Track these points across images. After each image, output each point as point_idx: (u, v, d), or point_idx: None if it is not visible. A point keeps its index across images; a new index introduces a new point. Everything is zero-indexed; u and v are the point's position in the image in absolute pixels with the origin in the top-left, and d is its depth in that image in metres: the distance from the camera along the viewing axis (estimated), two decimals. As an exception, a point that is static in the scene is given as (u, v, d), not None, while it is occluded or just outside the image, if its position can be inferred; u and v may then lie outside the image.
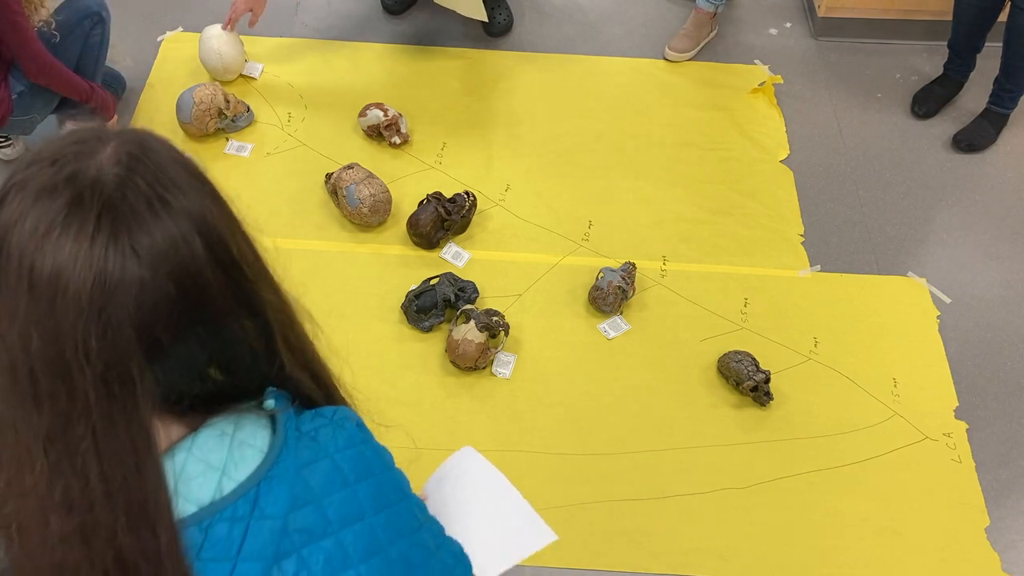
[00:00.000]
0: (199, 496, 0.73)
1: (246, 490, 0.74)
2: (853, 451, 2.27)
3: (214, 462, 0.75)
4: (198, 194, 0.74)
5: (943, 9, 3.05)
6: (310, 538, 0.75)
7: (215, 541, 0.73)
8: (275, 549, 0.74)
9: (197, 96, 2.72)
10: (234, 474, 0.75)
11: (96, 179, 0.68)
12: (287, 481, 0.76)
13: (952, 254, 2.70)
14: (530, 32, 3.23)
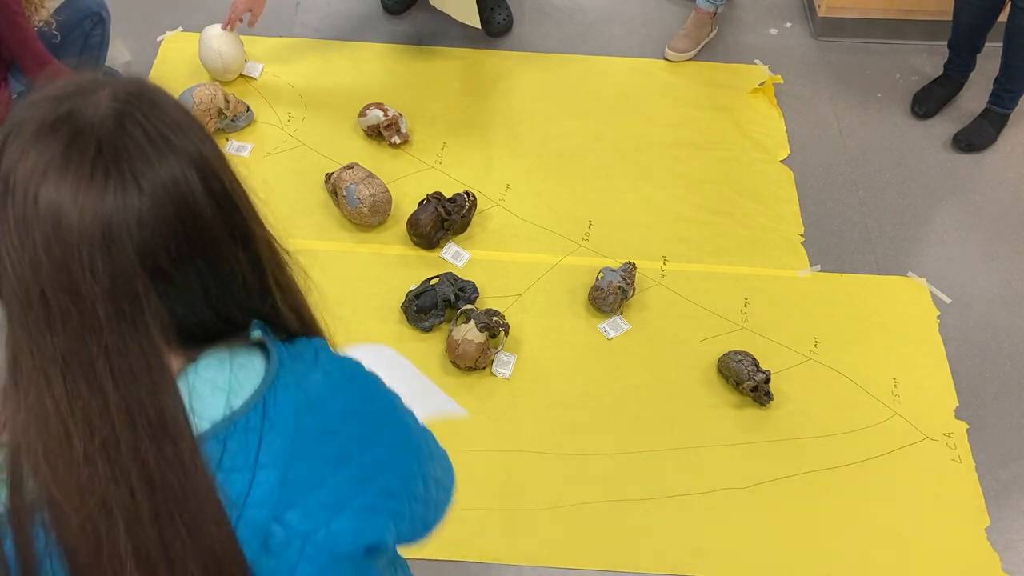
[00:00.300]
0: (211, 414, 0.78)
1: (254, 403, 0.79)
2: (853, 451, 2.27)
3: (220, 383, 0.79)
4: (195, 133, 0.77)
5: (943, 9, 3.05)
6: (317, 440, 0.81)
7: (234, 452, 0.77)
8: (290, 453, 0.79)
9: (197, 96, 2.72)
10: (240, 392, 0.80)
11: (95, 115, 0.72)
12: (290, 392, 0.81)
13: (952, 254, 2.70)
14: (530, 32, 3.23)
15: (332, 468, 0.81)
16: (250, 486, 0.77)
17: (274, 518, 0.78)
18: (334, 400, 0.84)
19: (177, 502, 0.73)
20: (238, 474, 0.77)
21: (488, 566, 2.06)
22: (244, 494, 0.77)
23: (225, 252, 0.81)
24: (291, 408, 0.80)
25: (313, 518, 0.80)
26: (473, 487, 2.17)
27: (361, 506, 0.83)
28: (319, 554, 0.81)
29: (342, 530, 0.82)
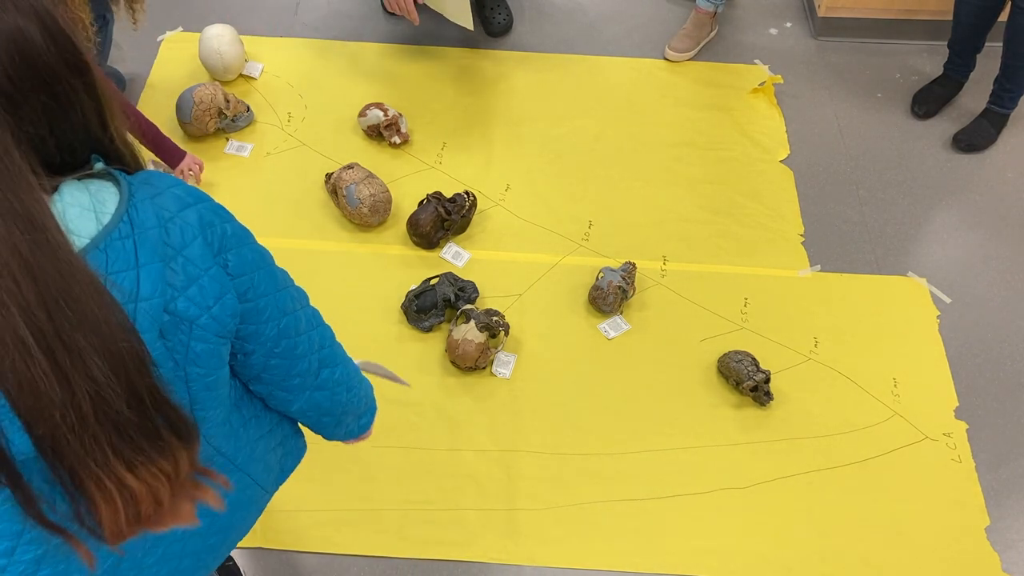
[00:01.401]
0: (86, 230, 0.91)
1: (121, 217, 0.93)
2: (853, 451, 2.27)
3: (85, 204, 0.92)
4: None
5: (943, 9, 3.05)
6: (183, 243, 0.97)
7: (115, 257, 0.92)
8: (163, 251, 0.95)
9: (197, 96, 2.72)
10: (104, 210, 0.93)
11: None
12: (147, 205, 0.96)
13: (952, 254, 2.70)
14: (530, 32, 3.23)
15: (203, 264, 0.99)
16: (137, 282, 0.93)
17: (164, 308, 0.95)
18: (189, 212, 0.99)
19: (59, 289, 0.83)
20: (124, 274, 0.92)
21: (488, 566, 2.06)
22: (134, 289, 0.92)
23: (67, 87, 0.93)
24: (153, 218, 0.95)
25: (196, 305, 0.98)
26: (473, 487, 2.17)
27: (234, 290, 1.03)
28: (206, 334, 1.01)
29: (223, 311, 1.01)
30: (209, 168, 2.74)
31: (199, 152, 2.78)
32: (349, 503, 2.14)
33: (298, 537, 2.09)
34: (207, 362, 1.03)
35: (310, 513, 2.12)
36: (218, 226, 1.02)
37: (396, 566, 2.06)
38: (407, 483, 2.17)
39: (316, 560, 2.06)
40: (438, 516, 2.13)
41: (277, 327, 1.12)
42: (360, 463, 2.20)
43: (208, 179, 2.71)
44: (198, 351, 1.01)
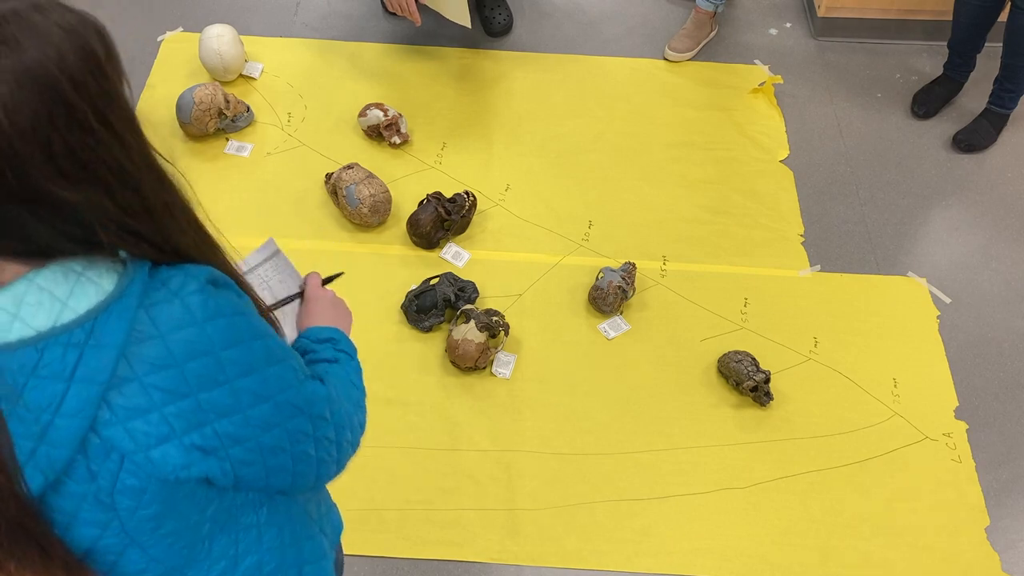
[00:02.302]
0: (38, 323, 0.80)
1: (84, 321, 0.80)
2: (853, 451, 2.27)
3: (58, 294, 0.81)
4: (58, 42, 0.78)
5: (943, 9, 3.05)
6: (152, 368, 0.82)
7: (49, 361, 0.79)
8: (111, 374, 0.81)
9: (197, 96, 2.72)
10: (75, 306, 0.81)
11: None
12: (127, 315, 0.82)
13: (952, 254, 2.70)
14: (530, 32, 3.23)
15: (163, 398, 0.83)
16: (63, 397, 0.79)
17: (91, 429, 0.81)
18: (184, 333, 0.84)
19: None
20: (50, 382, 0.79)
21: (488, 566, 2.07)
22: (56, 403, 0.79)
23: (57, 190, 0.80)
24: (123, 332, 0.81)
25: (133, 440, 0.83)
26: (473, 487, 2.17)
27: (191, 444, 0.85)
28: (140, 471, 0.84)
29: (164, 458, 0.84)
30: (209, 168, 2.74)
31: (199, 152, 2.78)
32: (349, 503, 2.14)
33: (298, 537, 2.08)
34: (142, 501, 0.86)
35: (310, 513, 2.12)
36: (211, 365, 0.85)
37: (396, 566, 2.06)
38: (407, 483, 2.17)
39: (316, 560, 2.06)
40: (438, 516, 2.13)
41: (264, 467, 0.93)
42: (360, 463, 2.20)
43: (208, 180, 2.71)
44: (128, 484, 0.85)
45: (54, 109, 0.76)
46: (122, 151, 0.82)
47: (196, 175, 2.73)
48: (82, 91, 0.78)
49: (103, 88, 0.80)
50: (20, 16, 0.76)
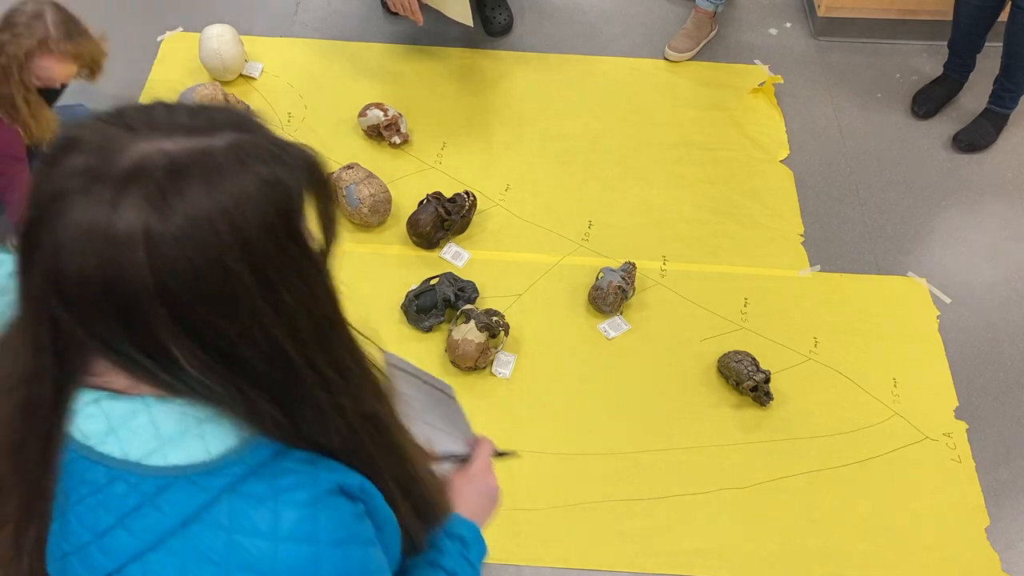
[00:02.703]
0: (127, 449, 0.70)
1: (164, 474, 0.70)
2: (853, 451, 2.27)
3: (162, 432, 0.71)
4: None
5: (943, 9, 3.05)
6: (197, 558, 0.70)
7: (112, 493, 0.70)
8: (157, 539, 0.70)
9: (197, 96, 2.72)
10: (168, 454, 0.70)
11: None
12: (207, 495, 0.70)
13: (952, 254, 2.70)
14: (530, 32, 3.23)
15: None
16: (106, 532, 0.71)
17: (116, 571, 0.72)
18: (252, 541, 0.70)
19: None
20: (103, 513, 0.71)
21: (487, 566, 2.06)
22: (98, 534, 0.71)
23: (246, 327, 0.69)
24: (191, 509, 0.70)
25: None
26: (473, 487, 2.17)
27: None
28: None
29: None
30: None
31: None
32: (349, 503, 2.14)
33: (298, 537, 2.08)
34: None
35: (310, 513, 2.12)
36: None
37: (396, 566, 2.05)
38: (407, 483, 2.16)
39: (316, 560, 2.06)
40: (438, 516, 2.13)
41: None
42: (360, 463, 2.20)
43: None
44: None
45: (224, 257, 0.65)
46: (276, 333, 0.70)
47: (196, 175, 2.73)
48: (255, 255, 0.67)
49: (284, 257, 0.69)
50: (212, 156, 0.67)
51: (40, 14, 2.10)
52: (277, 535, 0.70)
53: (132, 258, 0.63)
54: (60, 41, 2.09)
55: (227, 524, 0.69)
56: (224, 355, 0.68)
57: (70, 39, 2.12)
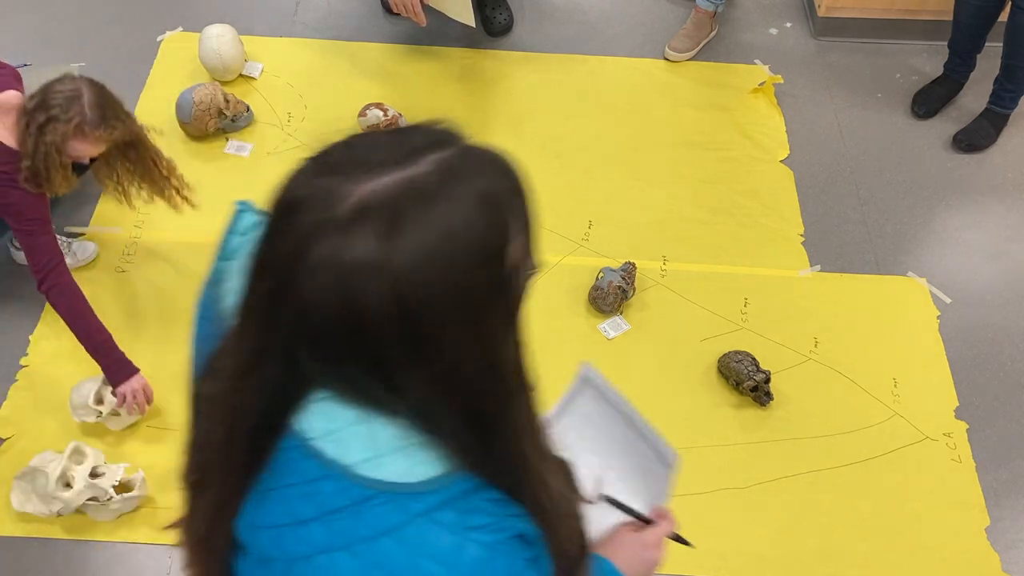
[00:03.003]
0: (344, 453, 0.73)
1: (372, 485, 0.73)
2: (853, 451, 2.27)
3: (380, 445, 0.73)
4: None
5: (943, 9, 3.05)
6: (369, 568, 0.73)
7: (321, 489, 0.74)
8: (342, 544, 0.73)
9: (197, 96, 2.72)
10: (383, 464, 0.73)
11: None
12: (404, 515, 0.73)
13: (952, 254, 2.70)
14: (530, 32, 3.23)
15: None
16: (305, 524, 0.74)
17: (292, 559, 0.76)
18: (430, 566, 0.72)
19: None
20: (306, 502, 0.75)
21: (488, 566, 2.06)
22: (293, 520, 0.75)
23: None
24: (387, 525, 0.73)
25: None
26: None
27: None
28: None
29: None
30: (209, 168, 2.74)
31: (199, 152, 2.78)
32: (349, 503, 2.14)
33: (298, 537, 2.08)
34: None
35: (310, 513, 2.12)
36: None
37: (396, 566, 2.05)
38: (407, 483, 2.16)
39: (316, 560, 2.06)
40: (438, 516, 2.13)
41: None
42: (360, 463, 2.20)
43: (208, 180, 2.71)
44: None
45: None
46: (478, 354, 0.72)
47: (196, 175, 2.72)
48: (477, 274, 0.69)
49: (498, 277, 0.71)
50: (424, 183, 0.71)
51: (77, 95, 2.01)
52: (456, 567, 0.72)
53: (374, 292, 0.66)
54: (96, 127, 2.01)
55: (414, 545, 0.72)
56: (442, 384, 0.71)
57: (105, 123, 2.03)
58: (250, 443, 0.77)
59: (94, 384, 2.17)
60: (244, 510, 0.79)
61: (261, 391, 0.75)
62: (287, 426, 0.76)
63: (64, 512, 2.02)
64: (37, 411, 2.25)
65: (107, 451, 2.15)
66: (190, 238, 2.55)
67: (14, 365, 2.33)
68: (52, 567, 2.03)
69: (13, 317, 2.42)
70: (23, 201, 2.07)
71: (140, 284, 2.48)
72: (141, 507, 2.10)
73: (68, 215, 2.57)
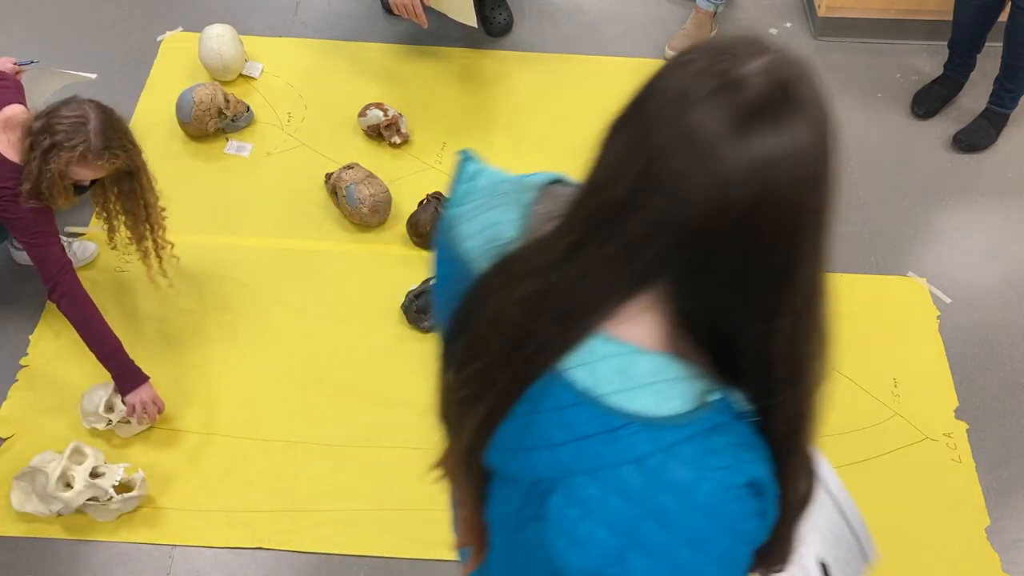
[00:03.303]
0: (598, 384, 0.76)
1: (623, 416, 0.75)
2: (853, 451, 2.27)
3: (635, 378, 0.76)
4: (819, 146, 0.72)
5: (943, 9, 3.05)
6: (618, 490, 0.75)
7: (572, 415, 0.77)
8: (595, 468, 0.76)
9: (197, 96, 2.72)
10: (633, 401, 0.75)
11: (744, 78, 0.69)
12: (651, 443, 0.75)
13: (952, 254, 2.70)
14: (530, 32, 3.23)
15: (608, 520, 0.77)
16: (555, 446, 0.78)
17: (549, 479, 0.79)
18: (664, 497, 0.75)
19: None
20: (561, 414, 0.78)
21: (488, 566, 2.06)
22: (552, 443, 0.78)
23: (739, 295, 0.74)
24: (641, 451, 0.75)
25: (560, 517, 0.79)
26: (473, 487, 2.17)
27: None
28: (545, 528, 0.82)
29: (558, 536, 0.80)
30: (209, 168, 2.74)
31: (199, 152, 2.78)
32: (349, 503, 2.14)
33: (298, 537, 2.09)
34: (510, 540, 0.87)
35: (310, 513, 2.12)
36: (659, 541, 0.75)
37: (396, 566, 2.05)
38: (407, 483, 2.16)
39: (316, 560, 2.06)
40: (438, 516, 2.12)
41: None
42: (360, 463, 2.20)
43: (208, 180, 2.71)
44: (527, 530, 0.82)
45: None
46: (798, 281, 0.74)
47: (196, 175, 2.73)
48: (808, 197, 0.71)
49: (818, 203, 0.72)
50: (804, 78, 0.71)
51: (83, 121, 2.00)
52: (690, 501, 0.74)
53: (784, 184, 0.68)
54: (99, 155, 2.00)
55: (654, 475, 0.74)
56: (784, 319, 0.74)
57: (109, 151, 2.02)
58: (526, 360, 0.79)
59: (105, 392, 2.16)
60: (499, 436, 0.82)
61: (577, 283, 0.76)
62: (561, 351, 0.77)
63: (64, 512, 2.02)
64: (37, 411, 2.25)
65: (107, 451, 2.15)
66: (190, 238, 2.55)
67: (14, 365, 2.33)
68: (52, 567, 2.03)
69: (13, 317, 2.42)
70: (29, 215, 2.07)
71: (140, 284, 2.48)
72: (141, 507, 2.10)
73: (68, 215, 2.57)
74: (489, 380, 0.82)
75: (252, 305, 2.45)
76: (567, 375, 0.77)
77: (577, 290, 0.77)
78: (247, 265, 2.52)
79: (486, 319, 0.83)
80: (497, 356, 0.81)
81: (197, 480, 2.16)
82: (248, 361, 2.36)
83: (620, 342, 0.77)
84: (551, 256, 0.78)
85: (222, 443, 2.22)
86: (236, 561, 2.05)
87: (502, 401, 0.81)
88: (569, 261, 0.77)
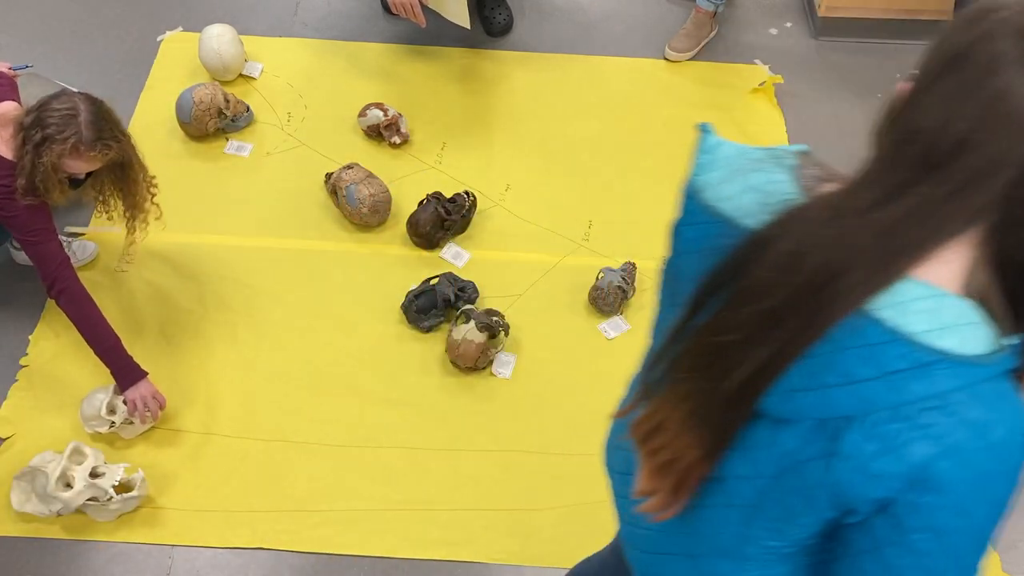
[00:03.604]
0: (906, 323, 0.79)
1: (931, 354, 0.78)
2: (853, 451, 2.27)
3: (942, 318, 0.79)
4: None
5: (943, 9, 3.05)
6: (922, 428, 0.79)
7: (882, 352, 0.79)
8: (903, 402, 0.79)
9: (197, 96, 2.72)
10: (941, 340, 0.79)
11: None
12: (959, 379, 0.78)
13: (952, 254, 2.69)
14: (530, 32, 3.23)
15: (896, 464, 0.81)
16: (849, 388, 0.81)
17: (841, 418, 0.82)
18: (961, 434, 0.79)
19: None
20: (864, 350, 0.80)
21: (488, 566, 2.06)
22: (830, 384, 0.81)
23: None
24: (944, 388, 0.79)
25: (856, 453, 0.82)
26: (473, 487, 2.17)
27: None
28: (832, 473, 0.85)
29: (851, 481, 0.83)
30: (209, 168, 2.74)
31: (199, 152, 2.78)
32: (349, 503, 2.14)
33: (298, 537, 2.09)
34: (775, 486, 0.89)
35: (310, 513, 2.12)
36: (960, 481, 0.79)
37: (396, 566, 2.06)
38: (407, 483, 2.17)
39: (316, 560, 2.06)
40: (438, 516, 2.13)
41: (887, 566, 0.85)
42: (361, 463, 2.20)
43: (208, 180, 2.71)
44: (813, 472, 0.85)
45: None
46: None
47: (196, 175, 2.73)
48: None
49: None
50: None
51: (74, 113, 2.00)
52: (985, 440, 0.79)
53: None
54: (92, 147, 2.00)
55: (955, 411, 0.78)
56: None
57: (101, 142, 2.02)
58: (845, 290, 0.80)
59: (105, 395, 2.16)
60: (785, 378, 0.83)
61: (902, 223, 0.79)
62: (877, 288, 0.80)
63: (64, 512, 2.02)
64: (37, 411, 2.25)
65: (107, 451, 2.15)
66: (190, 238, 2.55)
67: (14, 365, 2.33)
68: (52, 567, 2.03)
69: (13, 317, 2.42)
70: (25, 212, 2.07)
71: (140, 284, 2.48)
72: (141, 507, 2.10)
73: (68, 215, 2.57)
74: (772, 322, 0.83)
75: (252, 305, 2.46)
76: (875, 314, 0.80)
77: (902, 229, 0.79)
78: (247, 265, 2.52)
79: (769, 265, 0.84)
80: (786, 299, 0.82)
81: (197, 480, 2.16)
82: (248, 361, 2.36)
83: (929, 284, 0.80)
84: (874, 196, 0.83)
85: (222, 443, 2.22)
86: (236, 561, 2.05)
87: (796, 342, 0.82)
88: (894, 201, 0.80)
